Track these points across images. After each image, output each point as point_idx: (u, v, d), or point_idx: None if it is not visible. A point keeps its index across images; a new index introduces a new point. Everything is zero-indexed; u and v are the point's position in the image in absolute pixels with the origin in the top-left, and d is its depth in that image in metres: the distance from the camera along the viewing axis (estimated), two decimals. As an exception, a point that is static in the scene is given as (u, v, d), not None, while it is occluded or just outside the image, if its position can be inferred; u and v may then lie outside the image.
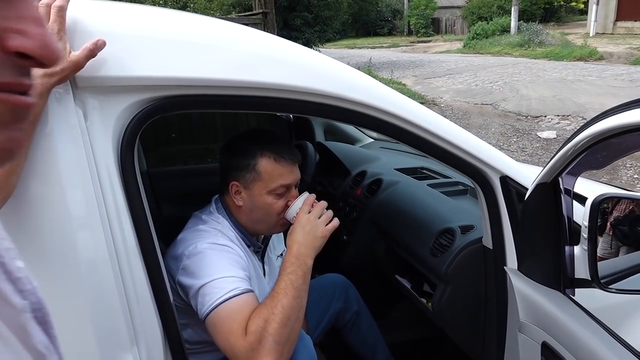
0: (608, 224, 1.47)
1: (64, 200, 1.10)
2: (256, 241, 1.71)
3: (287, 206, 1.60)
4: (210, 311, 1.37)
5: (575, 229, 1.33)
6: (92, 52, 1.06)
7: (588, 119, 1.19)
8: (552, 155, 1.27)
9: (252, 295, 1.42)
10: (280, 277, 1.42)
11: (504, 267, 1.53)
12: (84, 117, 1.12)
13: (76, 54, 1.05)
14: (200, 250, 1.48)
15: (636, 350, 1.15)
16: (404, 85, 13.56)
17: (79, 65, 1.05)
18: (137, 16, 1.28)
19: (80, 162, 1.11)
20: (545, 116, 9.34)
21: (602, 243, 1.44)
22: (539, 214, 1.38)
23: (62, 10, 1.06)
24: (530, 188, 1.38)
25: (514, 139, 8.12)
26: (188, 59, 1.19)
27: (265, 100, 1.27)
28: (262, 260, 1.75)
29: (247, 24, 1.49)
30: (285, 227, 1.70)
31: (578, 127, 1.21)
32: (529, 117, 9.48)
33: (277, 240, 1.88)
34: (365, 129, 2.22)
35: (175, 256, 1.51)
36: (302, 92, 1.28)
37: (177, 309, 1.36)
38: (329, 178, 3.07)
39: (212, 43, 1.24)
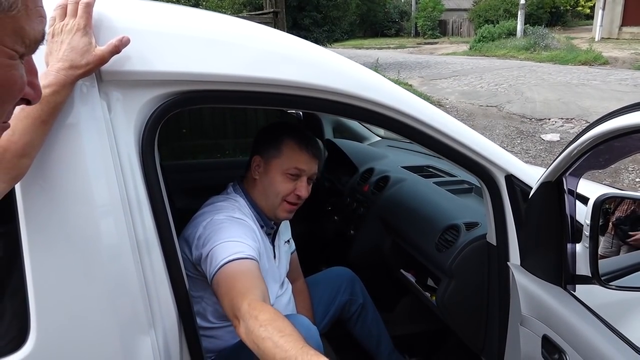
0: (610, 223, 1.50)
1: (89, 189, 1.14)
2: (269, 220, 1.78)
3: (293, 192, 1.70)
4: (216, 272, 1.42)
5: (577, 227, 1.37)
6: (117, 48, 1.10)
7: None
8: (557, 155, 1.30)
9: (256, 264, 1.46)
10: (304, 347, 1.11)
11: (507, 263, 1.56)
12: (108, 109, 1.16)
13: (101, 48, 1.09)
14: (217, 221, 1.57)
15: (633, 344, 1.19)
16: (411, 86, 13.55)
17: (103, 59, 1.10)
18: (159, 13, 1.32)
19: (104, 153, 1.15)
20: (549, 119, 9.35)
21: (603, 242, 1.47)
22: (543, 212, 1.41)
23: (89, 6, 1.11)
24: (535, 186, 1.41)
25: (518, 141, 8.13)
26: (207, 55, 1.23)
27: (279, 96, 1.31)
28: (272, 243, 1.82)
29: (258, 23, 1.53)
30: (289, 215, 1.77)
31: (582, 129, 1.24)
32: (533, 119, 9.49)
33: (284, 226, 1.96)
34: (376, 126, 2.26)
35: (193, 229, 1.59)
36: (316, 89, 1.31)
37: (194, 282, 1.44)
38: (337, 174, 3.12)
39: (231, 40, 1.28)
